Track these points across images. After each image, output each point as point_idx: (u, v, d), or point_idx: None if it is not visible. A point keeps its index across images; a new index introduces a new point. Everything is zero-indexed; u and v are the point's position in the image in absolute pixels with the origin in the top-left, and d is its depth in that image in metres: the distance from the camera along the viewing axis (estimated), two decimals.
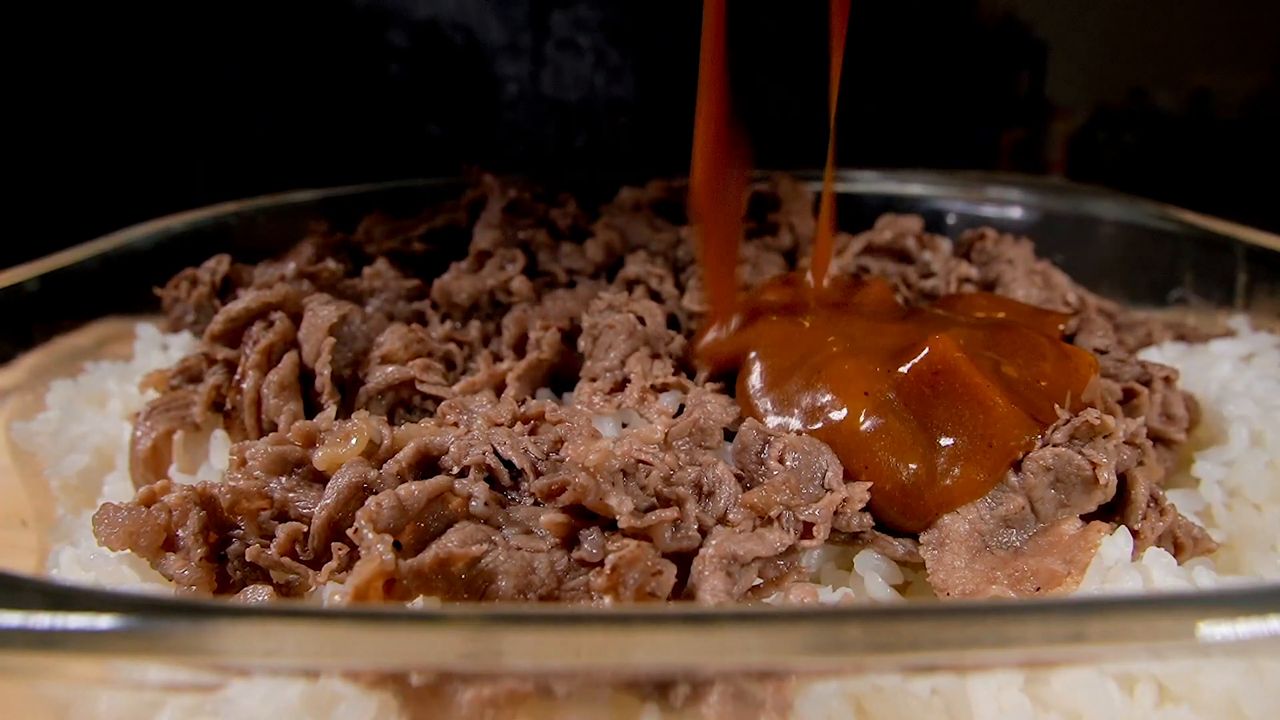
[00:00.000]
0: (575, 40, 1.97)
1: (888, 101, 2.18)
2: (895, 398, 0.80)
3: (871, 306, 1.05)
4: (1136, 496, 0.77)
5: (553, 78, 2.04)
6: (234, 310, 0.98)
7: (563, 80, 2.04)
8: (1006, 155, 2.33)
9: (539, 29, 2.00)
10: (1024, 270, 1.25)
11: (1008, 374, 0.84)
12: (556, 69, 2.02)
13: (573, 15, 1.97)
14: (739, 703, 0.55)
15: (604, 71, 2.02)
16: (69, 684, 0.57)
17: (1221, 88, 2.23)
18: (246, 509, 0.73)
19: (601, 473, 0.67)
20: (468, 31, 1.98)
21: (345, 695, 0.57)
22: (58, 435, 1.01)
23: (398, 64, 2.01)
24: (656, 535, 0.66)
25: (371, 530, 0.65)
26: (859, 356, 0.86)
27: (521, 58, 2.00)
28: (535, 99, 2.07)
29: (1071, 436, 0.78)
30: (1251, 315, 1.25)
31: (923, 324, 0.95)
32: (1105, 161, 2.31)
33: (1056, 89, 2.28)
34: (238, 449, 0.77)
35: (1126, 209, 1.48)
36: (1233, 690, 0.62)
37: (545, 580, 0.66)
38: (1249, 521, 0.89)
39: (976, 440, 0.78)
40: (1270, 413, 0.95)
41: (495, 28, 1.99)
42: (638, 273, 1.16)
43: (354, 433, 0.77)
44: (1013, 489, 0.77)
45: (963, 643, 0.48)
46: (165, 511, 0.72)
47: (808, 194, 1.45)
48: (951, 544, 0.75)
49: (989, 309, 1.07)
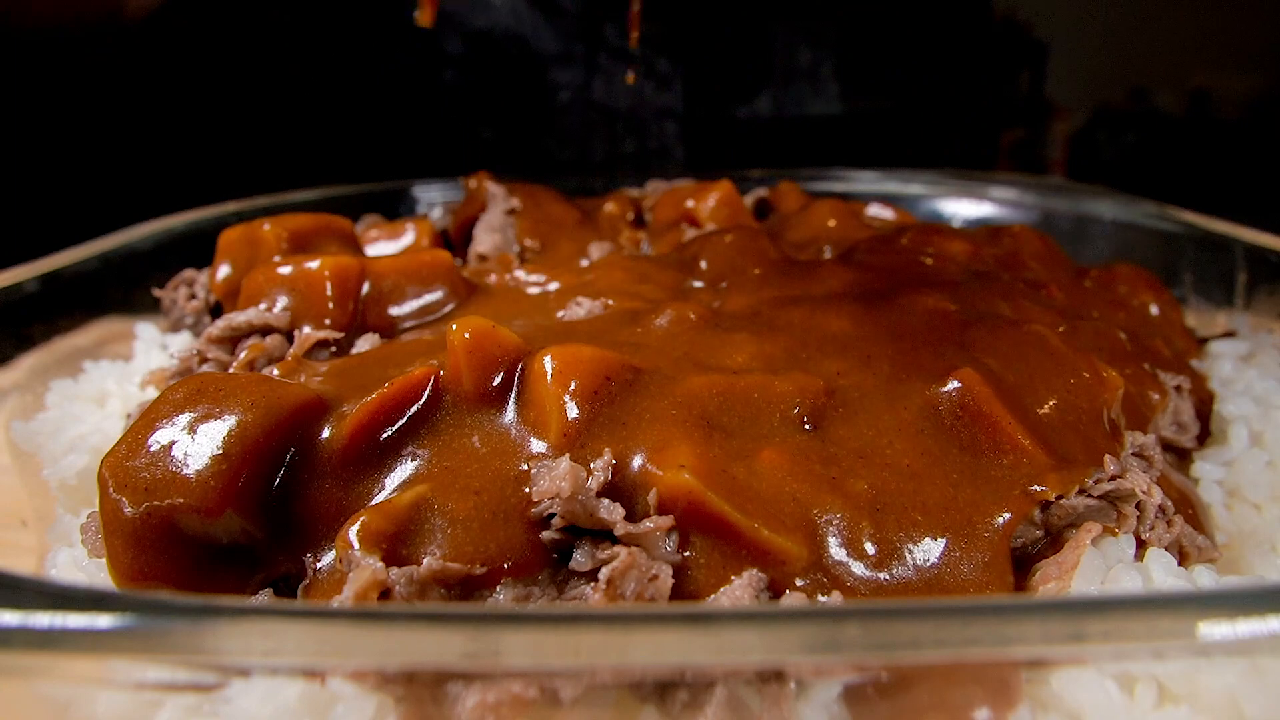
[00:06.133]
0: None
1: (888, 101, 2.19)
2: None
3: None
4: (1146, 508, 0.76)
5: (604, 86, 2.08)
6: (236, 321, 0.98)
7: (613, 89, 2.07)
8: (1006, 155, 2.34)
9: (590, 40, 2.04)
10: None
11: (1033, 407, 0.80)
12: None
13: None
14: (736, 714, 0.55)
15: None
16: (69, 684, 0.57)
17: (1221, 88, 2.23)
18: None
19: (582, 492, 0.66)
20: (521, 40, 2.01)
21: (344, 695, 0.57)
22: (57, 435, 1.01)
23: (451, 70, 2.04)
24: (649, 543, 0.65)
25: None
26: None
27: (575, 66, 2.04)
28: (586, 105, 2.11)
29: (1109, 493, 0.74)
30: (1251, 315, 1.25)
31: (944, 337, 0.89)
32: (1105, 161, 2.31)
33: (1056, 89, 2.28)
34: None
35: (1126, 209, 1.48)
36: (1233, 690, 0.62)
37: (545, 591, 0.66)
38: (1249, 522, 0.89)
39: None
40: (1270, 412, 0.95)
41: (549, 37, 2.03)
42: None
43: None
44: (1034, 523, 0.73)
45: (962, 642, 0.48)
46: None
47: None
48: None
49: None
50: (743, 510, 0.65)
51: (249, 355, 0.94)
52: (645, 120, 2.11)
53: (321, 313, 0.98)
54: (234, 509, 0.67)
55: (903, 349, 0.85)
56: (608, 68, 2.06)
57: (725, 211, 1.32)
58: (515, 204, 1.30)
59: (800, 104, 2.09)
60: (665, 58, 2.05)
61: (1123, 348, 0.96)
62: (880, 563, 0.66)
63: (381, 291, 1.00)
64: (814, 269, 1.09)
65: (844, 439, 0.73)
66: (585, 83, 2.07)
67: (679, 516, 0.65)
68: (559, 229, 1.30)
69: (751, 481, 0.68)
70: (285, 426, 0.71)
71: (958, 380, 0.76)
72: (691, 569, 0.64)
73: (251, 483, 0.68)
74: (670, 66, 2.06)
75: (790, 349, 0.85)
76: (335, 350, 0.96)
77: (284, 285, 1.00)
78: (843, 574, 0.65)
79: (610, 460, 0.68)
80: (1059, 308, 1.02)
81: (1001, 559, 0.69)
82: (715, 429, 0.71)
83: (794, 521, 0.66)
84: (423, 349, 0.87)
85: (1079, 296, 1.11)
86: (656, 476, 0.66)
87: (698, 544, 0.65)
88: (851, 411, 0.76)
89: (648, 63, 2.06)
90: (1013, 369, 0.84)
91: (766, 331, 0.87)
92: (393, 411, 0.73)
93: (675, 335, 0.87)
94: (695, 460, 0.67)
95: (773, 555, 0.64)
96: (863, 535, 0.67)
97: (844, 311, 0.92)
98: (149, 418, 0.71)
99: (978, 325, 0.91)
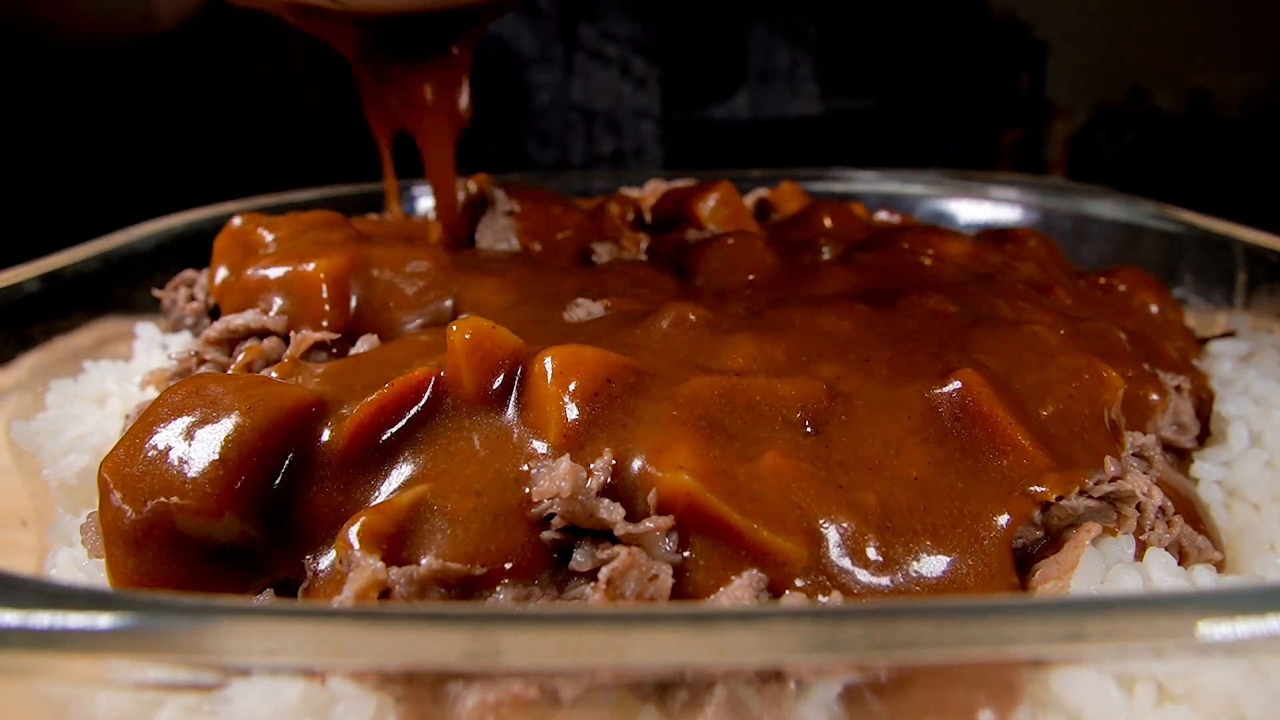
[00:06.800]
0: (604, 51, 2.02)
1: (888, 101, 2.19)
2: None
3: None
4: (1146, 509, 0.76)
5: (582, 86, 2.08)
6: (233, 324, 0.98)
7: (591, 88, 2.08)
8: (1006, 155, 2.34)
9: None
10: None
11: (1033, 408, 0.79)
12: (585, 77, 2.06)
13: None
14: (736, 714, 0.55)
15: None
16: (69, 684, 0.57)
17: (1221, 88, 2.24)
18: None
19: (582, 492, 0.66)
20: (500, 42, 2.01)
21: (344, 695, 0.57)
22: (57, 435, 1.01)
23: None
24: (649, 543, 0.65)
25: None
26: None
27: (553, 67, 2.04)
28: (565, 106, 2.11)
29: (1109, 494, 0.74)
30: (1251, 315, 1.25)
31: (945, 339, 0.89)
32: (1105, 161, 2.31)
33: (1056, 89, 2.28)
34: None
35: (1126, 209, 1.48)
36: (1233, 690, 0.62)
37: (545, 591, 0.66)
38: (1248, 522, 0.89)
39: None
40: (1270, 413, 0.95)
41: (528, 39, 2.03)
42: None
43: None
44: (1034, 524, 0.73)
45: (962, 642, 0.48)
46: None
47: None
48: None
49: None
50: (742, 511, 0.64)
51: (246, 358, 0.94)
52: (622, 121, 2.11)
53: (318, 314, 0.98)
54: (233, 511, 0.67)
55: (904, 350, 0.85)
56: (585, 69, 2.06)
57: (725, 212, 1.32)
58: (516, 205, 1.30)
59: (781, 104, 2.10)
60: (642, 58, 2.05)
61: (1123, 348, 0.96)
62: (881, 564, 0.66)
63: (379, 292, 1.00)
64: (814, 270, 1.09)
65: (846, 443, 0.73)
66: (564, 84, 2.07)
67: (679, 517, 0.65)
68: (560, 230, 1.30)
69: (752, 483, 0.68)
70: (284, 428, 0.71)
71: (959, 381, 0.76)
72: (691, 569, 0.64)
73: (250, 485, 0.68)
74: (647, 67, 2.06)
75: (791, 351, 0.84)
76: (335, 351, 0.96)
77: (279, 288, 1.00)
78: (843, 575, 0.65)
79: (610, 461, 0.68)
80: (1060, 309, 1.02)
81: (1003, 560, 0.69)
82: (716, 431, 0.71)
83: (794, 523, 0.66)
84: (422, 350, 0.87)
85: (1080, 298, 1.11)
86: (656, 477, 0.66)
87: (698, 544, 0.65)
88: (854, 415, 0.76)
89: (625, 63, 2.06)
90: (1013, 370, 0.84)
91: (767, 333, 0.87)
92: (393, 413, 0.72)
93: (676, 337, 0.87)
94: (695, 461, 0.67)
95: (773, 556, 0.64)
96: (863, 536, 0.67)
97: (845, 313, 0.92)
98: (147, 420, 0.71)
99: (978, 326, 0.91)
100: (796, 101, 2.10)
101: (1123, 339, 0.98)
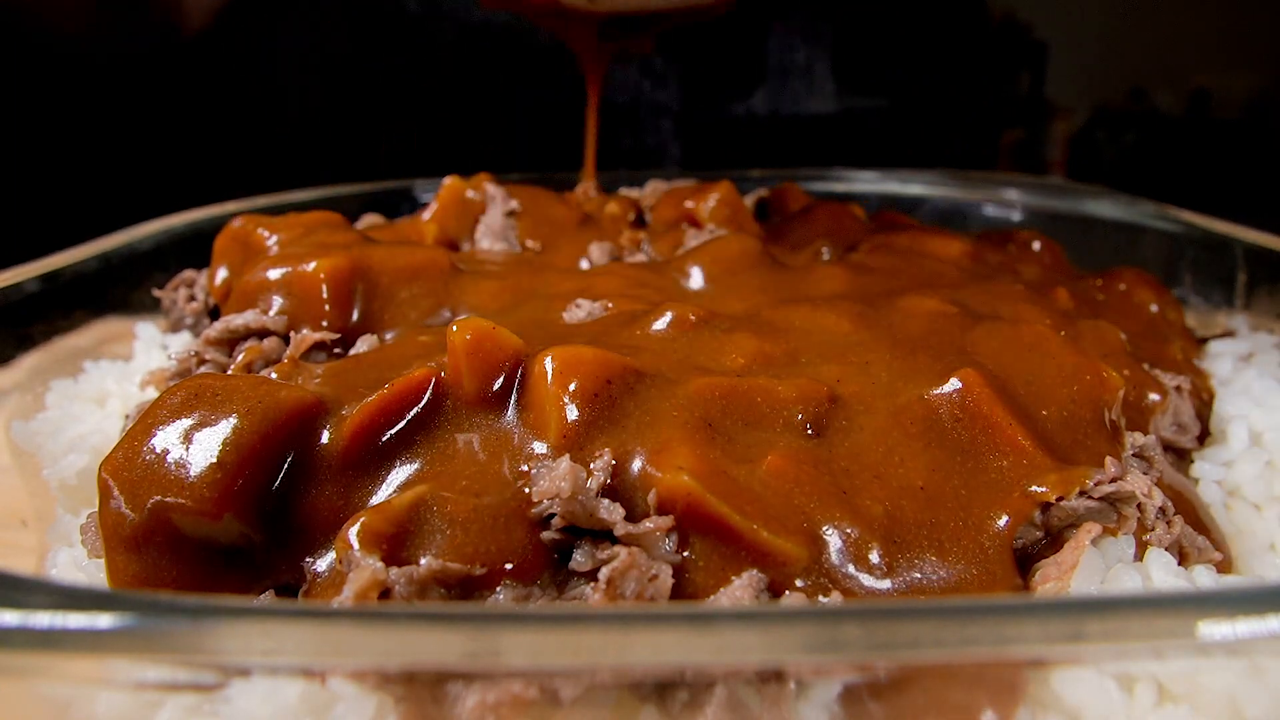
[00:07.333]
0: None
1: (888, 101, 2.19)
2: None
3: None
4: (1146, 509, 0.76)
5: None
6: (234, 324, 0.98)
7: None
8: (1006, 155, 2.34)
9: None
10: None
11: (1034, 408, 0.79)
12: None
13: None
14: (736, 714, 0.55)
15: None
16: (69, 684, 0.57)
17: (1221, 88, 2.24)
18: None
19: (582, 492, 0.66)
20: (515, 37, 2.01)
21: (344, 695, 0.57)
22: (57, 435, 1.01)
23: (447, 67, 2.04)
24: (649, 543, 0.65)
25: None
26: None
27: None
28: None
29: (1110, 495, 0.74)
30: (1251, 315, 1.25)
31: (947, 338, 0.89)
32: (1105, 161, 2.31)
33: (1056, 89, 2.28)
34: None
35: (1126, 209, 1.48)
36: (1233, 690, 0.62)
37: (545, 591, 0.66)
38: (1248, 522, 0.89)
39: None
40: (1270, 413, 0.95)
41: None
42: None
43: None
44: (1034, 524, 0.73)
45: (962, 642, 0.48)
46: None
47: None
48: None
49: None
50: (742, 512, 0.65)
51: (246, 358, 0.94)
52: (642, 118, 2.12)
53: (318, 315, 0.97)
54: (233, 512, 0.67)
55: (904, 351, 0.85)
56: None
57: (725, 212, 1.32)
58: (515, 205, 1.30)
59: (797, 102, 2.10)
60: (661, 55, 2.06)
61: (1123, 349, 0.96)
62: (881, 564, 0.66)
63: (379, 293, 1.00)
64: (815, 271, 1.09)
65: (847, 446, 0.73)
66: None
67: (678, 517, 0.65)
68: (559, 230, 1.30)
69: (752, 484, 0.68)
70: (283, 429, 0.71)
71: (959, 381, 0.76)
72: (691, 569, 0.64)
73: (250, 486, 0.68)
74: (666, 63, 2.07)
75: (791, 351, 0.85)
76: (335, 352, 0.96)
77: (279, 288, 1.00)
78: (843, 576, 0.65)
79: (610, 461, 0.68)
80: (1060, 309, 1.03)
81: (1004, 561, 0.69)
82: (716, 432, 0.71)
83: (794, 524, 0.66)
84: (422, 350, 0.87)
85: (1080, 299, 1.11)
86: (656, 478, 0.66)
87: (697, 545, 0.65)
88: (855, 417, 0.76)
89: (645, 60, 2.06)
90: (1014, 370, 0.84)
91: (768, 333, 0.87)
92: (393, 413, 0.72)
93: (676, 337, 0.87)
94: (695, 462, 0.67)
95: (772, 556, 0.64)
96: (863, 536, 0.67)
97: (845, 313, 0.92)
98: (147, 421, 0.71)
99: (979, 327, 0.91)
100: (814, 100, 2.10)
101: (1123, 339, 0.98)
